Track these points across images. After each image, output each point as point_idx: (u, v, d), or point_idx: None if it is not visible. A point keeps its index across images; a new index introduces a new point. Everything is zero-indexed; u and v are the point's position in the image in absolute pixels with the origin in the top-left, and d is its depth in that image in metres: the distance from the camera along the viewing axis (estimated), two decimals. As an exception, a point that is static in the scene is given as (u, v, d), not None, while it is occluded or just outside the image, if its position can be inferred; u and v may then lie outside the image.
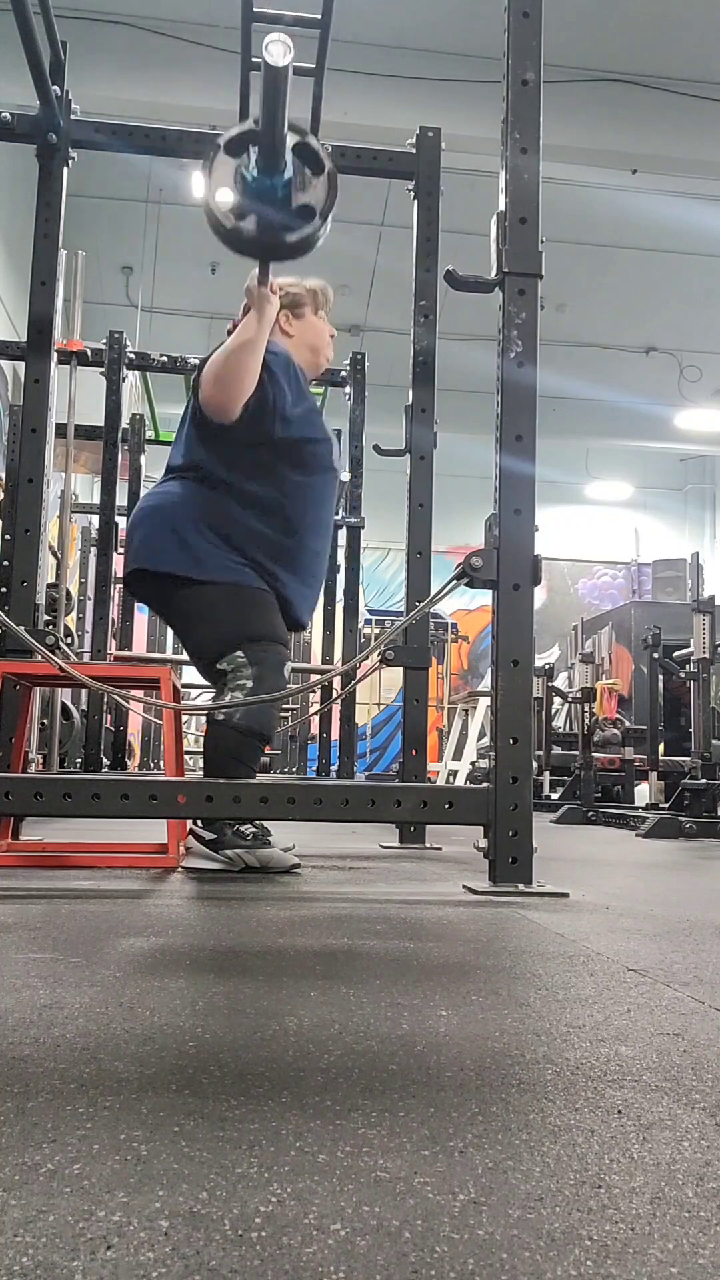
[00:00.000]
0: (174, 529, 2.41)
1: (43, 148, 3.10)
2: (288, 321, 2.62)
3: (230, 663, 2.37)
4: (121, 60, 7.07)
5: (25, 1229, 0.53)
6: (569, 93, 7.32)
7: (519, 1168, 0.64)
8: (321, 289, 2.69)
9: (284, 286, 2.60)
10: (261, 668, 2.36)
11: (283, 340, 2.58)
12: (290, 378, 2.45)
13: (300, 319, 2.64)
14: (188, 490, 2.45)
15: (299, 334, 2.63)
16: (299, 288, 2.64)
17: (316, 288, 2.68)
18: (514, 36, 2.17)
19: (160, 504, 2.47)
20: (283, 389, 2.40)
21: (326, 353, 2.70)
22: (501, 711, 2.02)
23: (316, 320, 2.66)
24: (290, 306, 2.62)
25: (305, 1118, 0.71)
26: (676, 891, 2.31)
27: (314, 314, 2.66)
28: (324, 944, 1.40)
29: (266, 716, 2.40)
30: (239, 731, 2.35)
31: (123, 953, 1.29)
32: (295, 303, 2.63)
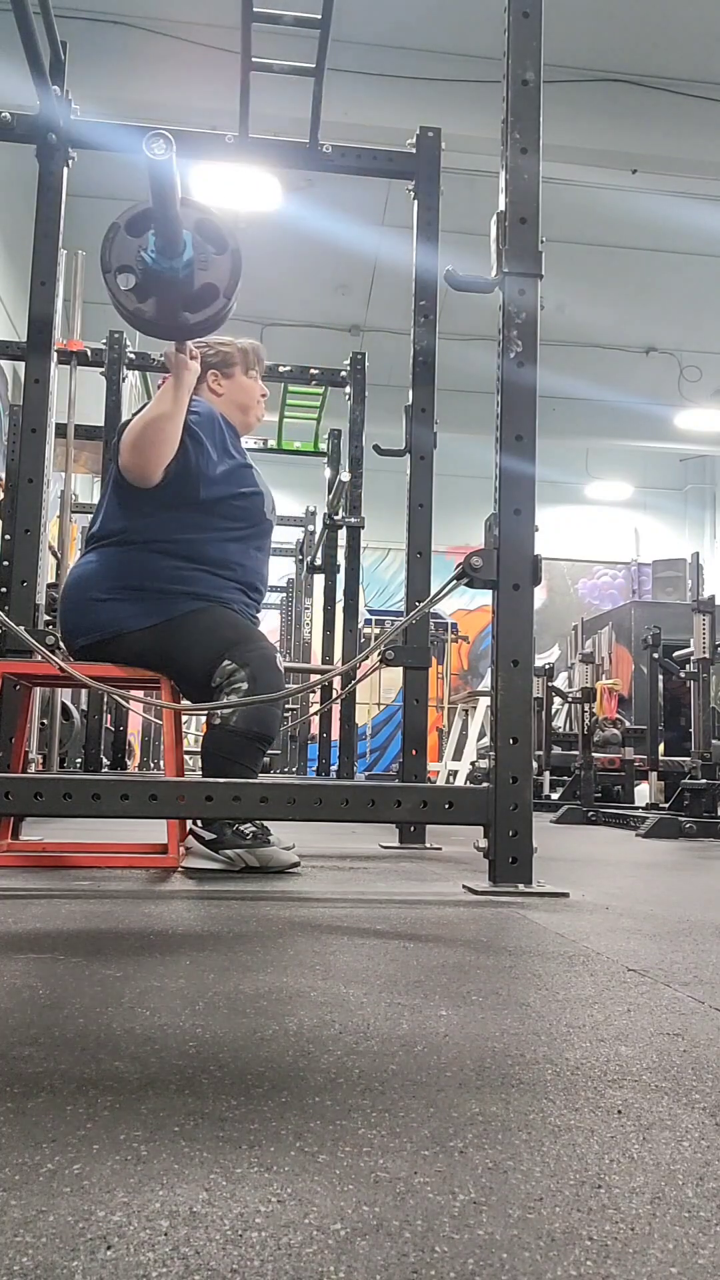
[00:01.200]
0: (95, 597, 2.41)
1: (43, 148, 3.10)
2: (216, 381, 2.63)
3: (221, 674, 2.36)
4: (121, 60, 7.06)
5: (25, 1229, 0.53)
6: (569, 93, 7.32)
7: (519, 1168, 0.64)
8: (253, 349, 2.70)
9: (215, 345, 2.61)
10: (252, 667, 2.35)
11: (211, 399, 2.59)
12: (215, 436, 2.45)
13: (230, 378, 2.65)
14: (104, 557, 2.45)
15: (228, 393, 2.64)
16: (231, 347, 2.65)
17: (248, 347, 2.69)
18: (514, 36, 2.17)
19: (80, 578, 2.47)
20: (206, 449, 2.40)
21: (257, 411, 2.70)
22: (501, 711, 2.02)
23: (246, 380, 2.67)
24: (220, 366, 2.63)
25: (305, 1118, 0.71)
26: (676, 891, 2.31)
27: (244, 374, 2.66)
28: (324, 944, 1.40)
29: (266, 716, 2.39)
30: (239, 734, 2.33)
31: (123, 953, 1.29)
32: (226, 362, 2.64)
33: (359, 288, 10.69)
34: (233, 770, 2.31)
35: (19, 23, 2.78)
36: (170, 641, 2.38)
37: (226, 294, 2.05)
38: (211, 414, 2.50)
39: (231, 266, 2.06)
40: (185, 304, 2.05)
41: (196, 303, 2.06)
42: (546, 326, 2.16)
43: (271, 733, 2.43)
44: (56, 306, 3.10)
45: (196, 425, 2.40)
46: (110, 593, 2.41)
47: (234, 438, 2.56)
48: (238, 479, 2.50)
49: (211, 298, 2.05)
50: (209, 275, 2.05)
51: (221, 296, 2.05)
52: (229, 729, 2.34)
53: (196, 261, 2.04)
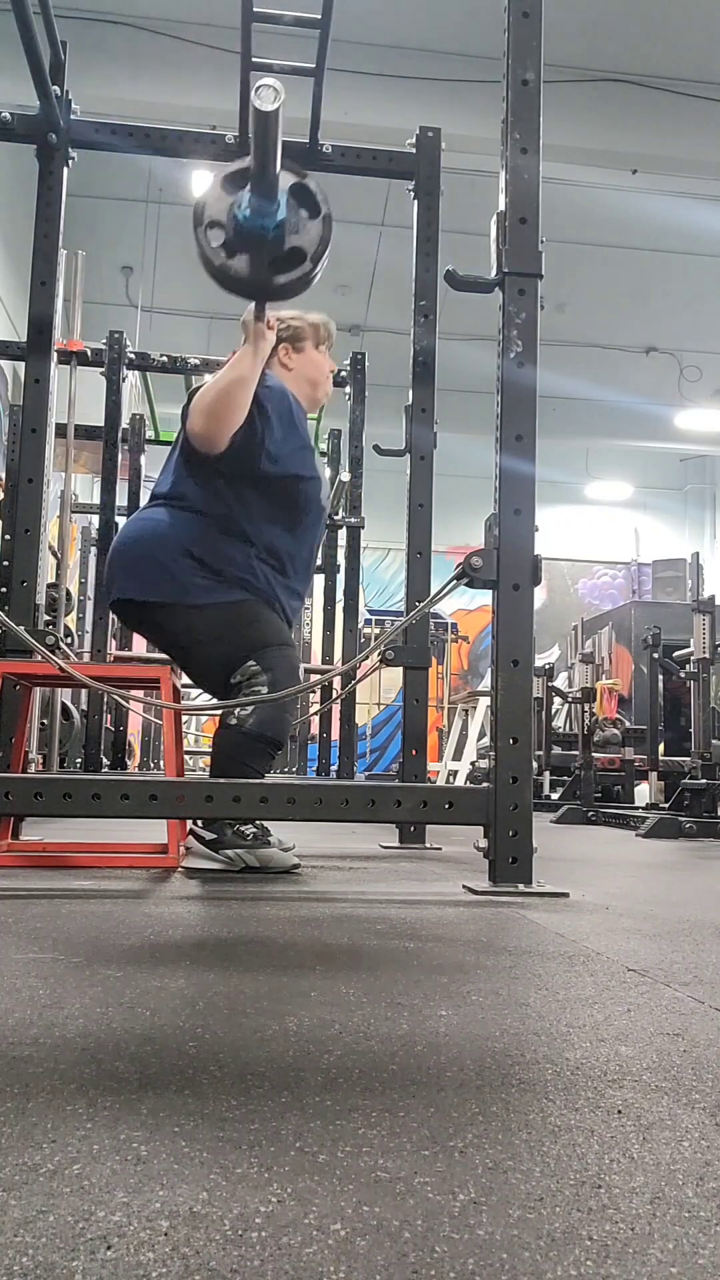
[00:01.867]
0: (158, 557, 2.39)
1: (43, 148, 3.10)
2: (287, 355, 2.61)
3: (243, 673, 2.34)
4: (121, 60, 7.06)
5: (25, 1229, 0.53)
6: (569, 93, 7.32)
7: (519, 1168, 0.64)
8: (324, 324, 2.67)
9: (286, 319, 2.58)
10: (275, 673, 2.34)
11: (281, 373, 2.57)
12: (282, 413, 2.43)
13: (300, 353, 2.62)
14: (173, 519, 2.43)
15: (298, 368, 2.62)
16: (301, 321, 2.63)
17: (319, 322, 2.66)
18: (514, 36, 2.17)
19: (145, 532, 2.44)
20: (272, 425, 2.39)
21: (325, 387, 2.68)
22: (501, 711, 2.02)
23: (317, 355, 2.64)
24: (291, 340, 2.61)
25: (305, 1118, 0.71)
26: (676, 891, 2.31)
27: (314, 349, 2.64)
28: (324, 944, 1.40)
29: (278, 721, 2.37)
30: (250, 736, 2.33)
31: (123, 953, 1.29)
32: (296, 336, 2.61)
33: (359, 288, 10.70)
34: (240, 771, 2.30)
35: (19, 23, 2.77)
36: (214, 625, 2.37)
37: (314, 259, 2.01)
38: (282, 389, 2.49)
39: (322, 232, 2.02)
40: (273, 264, 2.02)
41: (284, 264, 2.02)
42: (546, 326, 2.16)
43: (283, 738, 2.41)
44: (56, 306, 3.10)
45: (265, 398, 2.37)
46: (180, 558, 2.38)
47: (300, 415, 2.54)
48: (299, 460, 2.48)
49: (299, 261, 2.02)
50: (299, 239, 2.01)
51: (309, 261, 2.02)
52: (243, 730, 2.32)
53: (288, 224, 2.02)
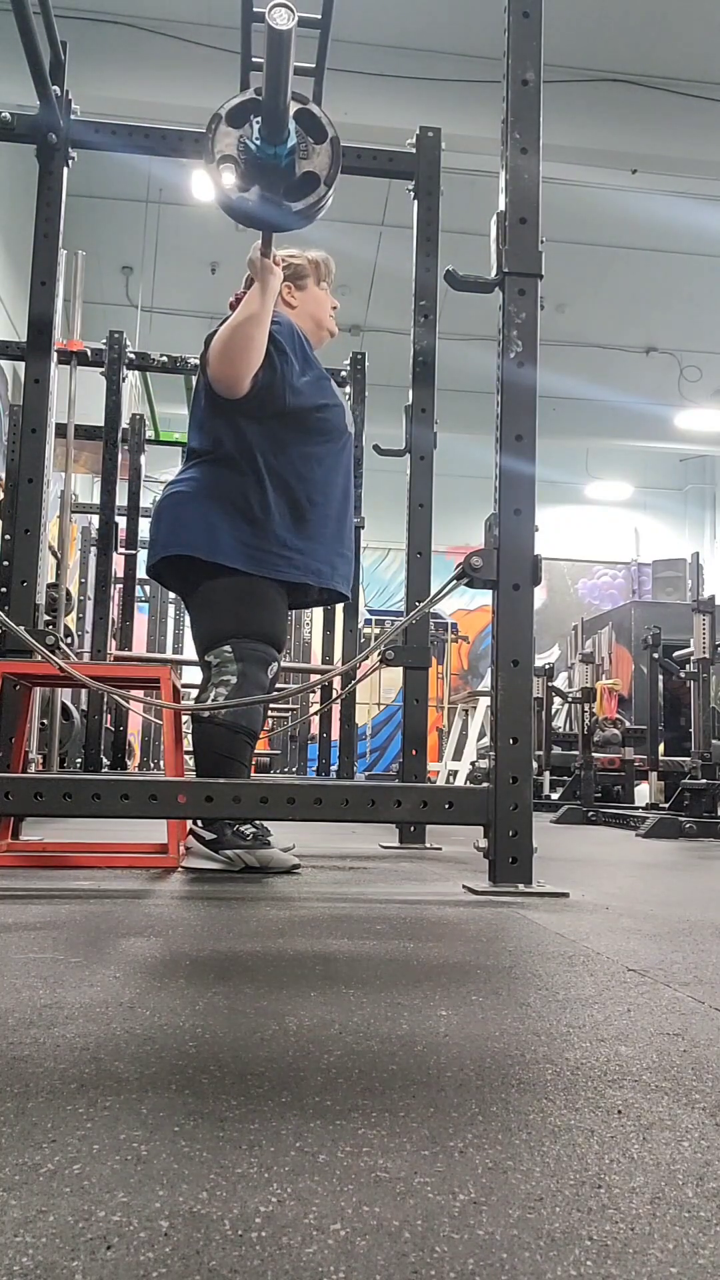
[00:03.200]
0: (199, 514, 2.41)
1: (43, 148, 3.10)
2: (290, 293, 2.62)
3: (218, 656, 2.38)
4: (121, 60, 7.06)
5: (25, 1229, 0.53)
6: (569, 93, 7.32)
7: (519, 1168, 0.64)
8: (324, 260, 2.69)
9: (286, 258, 2.60)
10: (246, 664, 2.37)
11: (286, 311, 2.58)
12: (296, 347, 2.46)
13: (303, 290, 2.65)
14: (208, 474, 2.45)
15: (301, 305, 2.64)
16: (301, 259, 2.65)
17: (319, 259, 2.68)
18: (514, 36, 2.17)
19: (185, 490, 2.47)
20: (290, 359, 2.41)
21: (329, 324, 2.70)
22: (501, 711, 2.02)
23: (319, 291, 2.67)
24: (293, 278, 2.63)
25: (305, 1118, 0.71)
26: (676, 891, 2.31)
27: (316, 285, 2.67)
28: (324, 944, 1.40)
29: (249, 710, 2.40)
30: (225, 728, 2.35)
31: (123, 953, 1.29)
32: (298, 274, 2.64)
33: (359, 288, 10.70)
34: (225, 764, 2.33)
35: (19, 23, 2.77)
36: (213, 592, 2.41)
37: (327, 182, 2.01)
38: (291, 324, 2.51)
39: (332, 155, 2.02)
40: (287, 192, 2.01)
41: (298, 191, 2.01)
42: (546, 326, 2.16)
43: (256, 727, 2.44)
44: (56, 306, 3.10)
45: (278, 334, 2.40)
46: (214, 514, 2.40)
47: (311, 349, 2.57)
48: (319, 390, 2.51)
49: (312, 186, 2.01)
50: (310, 164, 2.01)
51: (323, 184, 2.01)
52: (215, 722, 2.35)
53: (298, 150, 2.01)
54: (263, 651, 2.41)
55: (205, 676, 2.41)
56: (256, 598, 2.42)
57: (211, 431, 2.46)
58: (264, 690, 2.41)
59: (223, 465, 2.44)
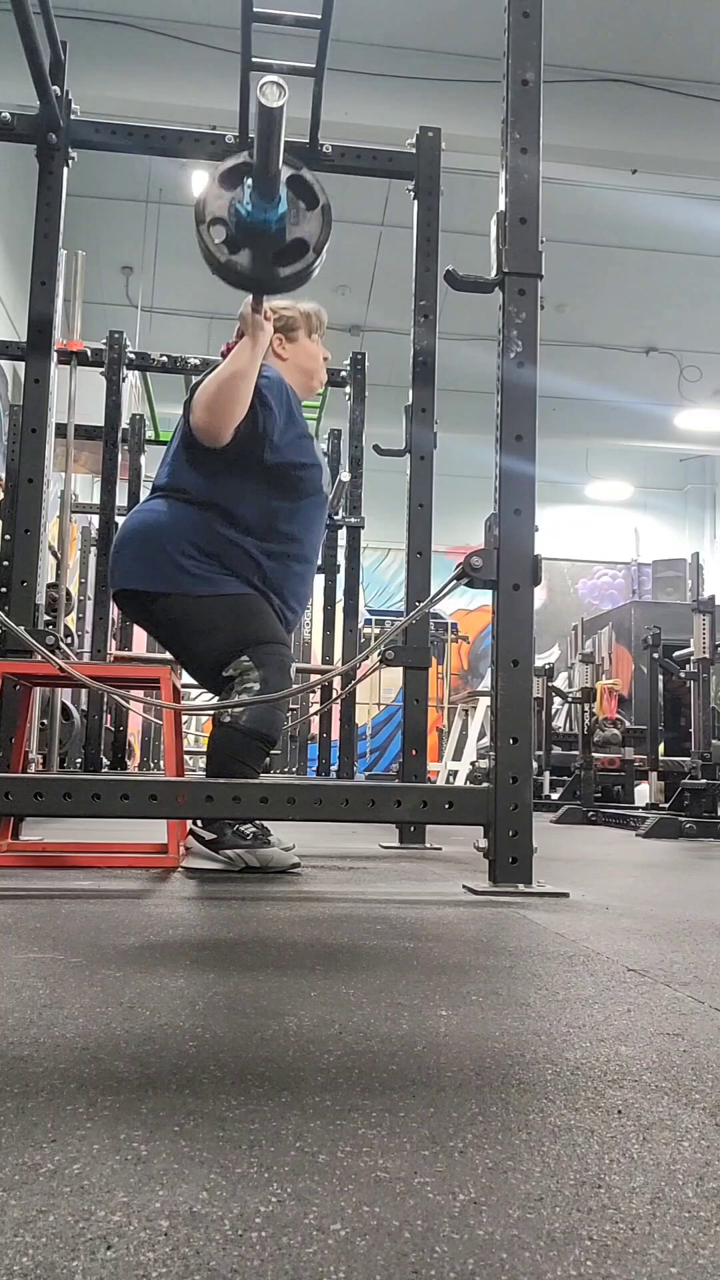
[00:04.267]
0: (161, 548, 2.41)
1: (43, 148, 3.10)
2: (281, 345, 2.63)
3: (236, 668, 2.37)
4: (121, 60, 7.06)
5: (25, 1229, 0.53)
6: (569, 93, 7.32)
7: (519, 1168, 0.64)
8: (316, 312, 2.71)
9: (278, 309, 2.61)
10: (267, 670, 2.36)
11: (276, 363, 2.60)
12: (281, 403, 2.46)
13: (294, 342, 2.66)
14: (174, 510, 2.45)
15: (292, 357, 2.65)
16: (293, 311, 2.66)
17: (311, 311, 2.69)
18: (514, 36, 2.17)
19: (147, 522, 2.47)
20: (273, 415, 2.42)
21: (320, 375, 2.72)
22: (501, 711, 2.02)
23: (310, 344, 2.68)
24: (284, 330, 2.64)
25: (305, 1118, 0.71)
26: (676, 891, 2.31)
27: (307, 337, 2.67)
28: (324, 944, 1.40)
29: (271, 718, 2.39)
30: (243, 733, 2.34)
31: (123, 953, 1.29)
32: (289, 326, 2.65)
33: (359, 288, 10.70)
34: (236, 768, 2.32)
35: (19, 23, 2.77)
36: (210, 617, 2.40)
37: (317, 249, 2.04)
38: (280, 379, 2.51)
39: (322, 222, 2.04)
40: (277, 257, 2.04)
41: (287, 256, 2.04)
42: (546, 326, 2.16)
43: (275, 734, 2.44)
44: (56, 306, 3.10)
45: (265, 389, 2.41)
46: (182, 549, 2.40)
47: (297, 404, 2.57)
48: (299, 449, 2.51)
49: (302, 252, 2.04)
50: (300, 230, 2.04)
51: (312, 251, 2.04)
52: (236, 727, 2.34)
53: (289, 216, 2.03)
54: (281, 654, 2.42)
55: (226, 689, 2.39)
56: (250, 608, 2.42)
57: (183, 475, 2.46)
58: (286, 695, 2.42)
59: (191, 505, 2.44)
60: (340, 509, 5.95)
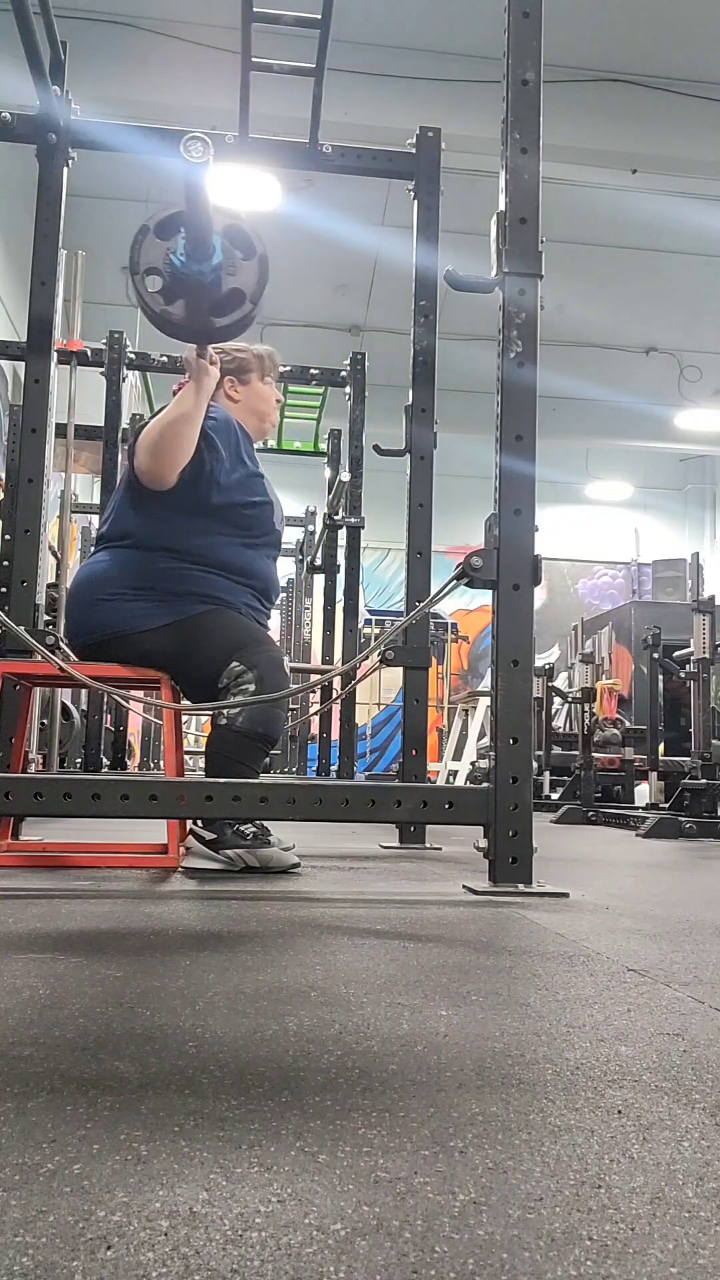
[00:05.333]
0: (102, 598, 2.41)
1: (43, 148, 3.10)
2: (233, 387, 2.65)
3: (228, 675, 2.37)
4: (121, 60, 7.06)
5: (25, 1229, 0.53)
6: (569, 93, 7.32)
7: (519, 1168, 0.64)
8: (268, 354, 2.72)
9: (231, 351, 2.62)
10: (260, 669, 2.37)
11: (228, 405, 2.61)
12: (229, 443, 2.47)
13: (246, 384, 2.67)
14: (116, 557, 2.46)
15: (245, 399, 2.66)
16: (246, 353, 2.67)
17: (264, 353, 2.71)
18: (514, 36, 2.17)
19: (89, 576, 2.48)
20: (220, 456, 2.42)
21: (272, 417, 2.74)
22: (501, 711, 2.02)
23: (262, 386, 2.69)
24: (236, 372, 2.65)
25: (305, 1118, 0.71)
26: (676, 891, 2.31)
27: (260, 380, 2.69)
28: (324, 943, 1.40)
29: (269, 717, 2.39)
30: (242, 734, 2.34)
31: (123, 953, 1.29)
32: (241, 368, 2.66)
33: (359, 288, 10.69)
34: (236, 769, 2.32)
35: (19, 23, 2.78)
36: (179, 642, 2.39)
37: (253, 299, 2.06)
38: (229, 420, 2.52)
39: (259, 272, 2.07)
40: (213, 308, 2.06)
41: (224, 307, 2.07)
42: (546, 326, 2.16)
43: (275, 734, 2.44)
44: (56, 306, 3.10)
45: (213, 430, 2.41)
46: (119, 592, 2.41)
47: (248, 445, 2.58)
48: (248, 488, 2.51)
49: (238, 302, 2.06)
50: (236, 280, 2.06)
51: (248, 301, 2.06)
52: (234, 729, 2.35)
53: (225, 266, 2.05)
54: (269, 652, 2.42)
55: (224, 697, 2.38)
56: (217, 619, 2.42)
57: (128, 521, 2.46)
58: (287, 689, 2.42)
59: (135, 549, 2.44)
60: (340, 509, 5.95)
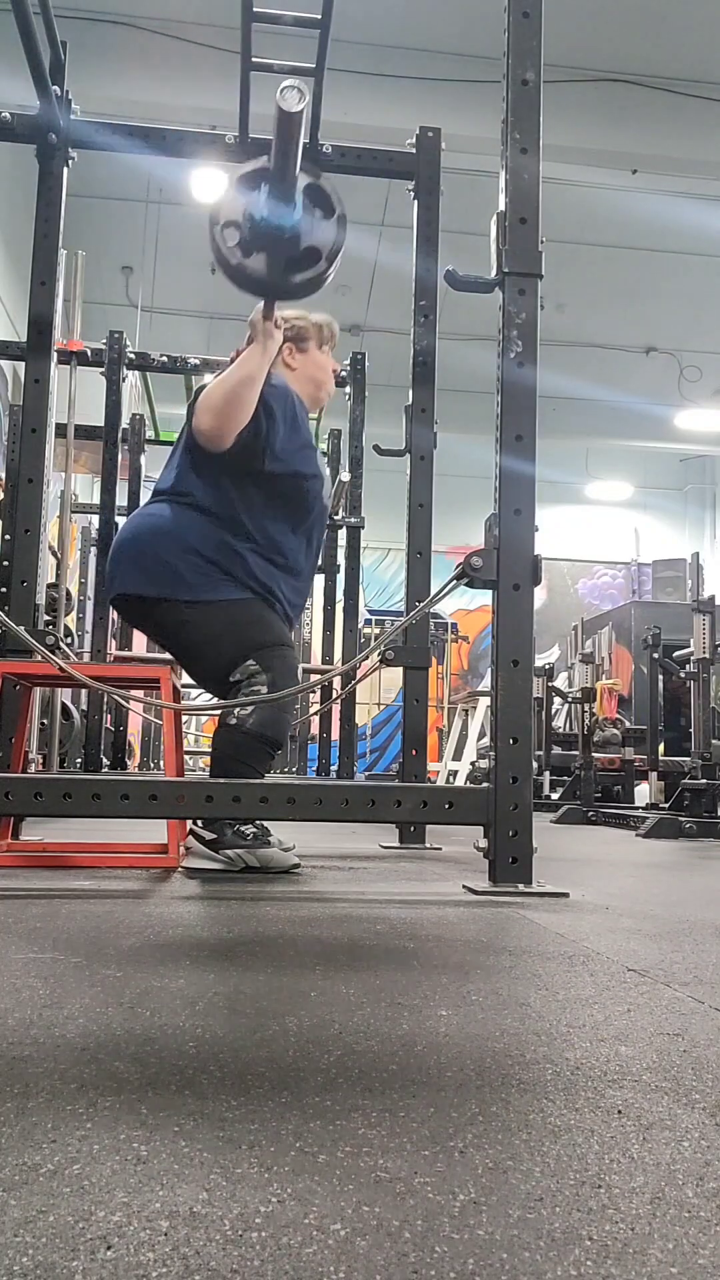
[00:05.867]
0: (161, 553, 2.40)
1: (43, 148, 3.10)
2: (291, 355, 2.62)
3: (243, 672, 2.36)
4: (121, 60, 7.06)
5: (25, 1229, 0.53)
6: (569, 93, 7.32)
7: (519, 1168, 0.64)
8: (327, 324, 2.69)
9: (290, 319, 2.60)
10: (274, 673, 2.35)
11: (285, 373, 2.58)
12: (286, 412, 2.45)
13: (304, 353, 2.64)
14: (176, 514, 2.44)
15: (301, 368, 2.63)
16: (305, 321, 2.65)
17: (322, 322, 2.68)
18: (514, 36, 2.17)
19: (148, 526, 2.46)
20: (276, 424, 2.41)
21: (328, 387, 2.71)
22: (501, 711, 2.02)
23: (320, 355, 2.66)
24: (295, 340, 2.62)
25: (305, 1118, 0.71)
26: (676, 891, 2.31)
27: (318, 349, 2.66)
28: (324, 944, 1.40)
29: (277, 721, 2.38)
30: (249, 736, 2.33)
31: (123, 953, 1.29)
32: (300, 336, 2.63)
33: (359, 288, 10.70)
34: (241, 770, 2.31)
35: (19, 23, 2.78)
36: (213, 622, 2.39)
37: (329, 259, 2.03)
38: (286, 389, 2.50)
39: (337, 232, 2.04)
40: (289, 264, 2.03)
41: (300, 264, 2.03)
42: (546, 326, 2.16)
43: (282, 738, 2.43)
44: (56, 306, 3.10)
45: (271, 398, 2.39)
46: (180, 555, 2.39)
47: (303, 415, 2.56)
48: (302, 459, 2.50)
49: (314, 260, 2.02)
50: (314, 238, 2.03)
51: (324, 260, 2.03)
52: (243, 730, 2.33)
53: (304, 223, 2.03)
54: (286, 657, 2.41)
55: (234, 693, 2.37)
56: (250, 613, 2.41)
57: (187, 479, 2.45)
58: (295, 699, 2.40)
59: (193, 510, 2.43)
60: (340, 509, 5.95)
